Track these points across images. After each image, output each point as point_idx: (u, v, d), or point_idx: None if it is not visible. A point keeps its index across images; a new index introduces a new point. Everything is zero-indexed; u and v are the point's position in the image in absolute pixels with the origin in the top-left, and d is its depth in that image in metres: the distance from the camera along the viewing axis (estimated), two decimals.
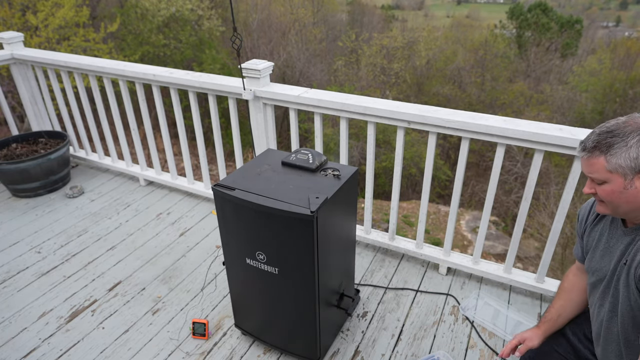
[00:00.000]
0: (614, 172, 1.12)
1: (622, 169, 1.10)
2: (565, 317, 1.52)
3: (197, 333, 2.11)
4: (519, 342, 1.49)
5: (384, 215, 12.05)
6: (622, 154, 1.09)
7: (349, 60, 21.76)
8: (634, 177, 1.10)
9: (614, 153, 1.10)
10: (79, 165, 3.77)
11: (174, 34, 18.31)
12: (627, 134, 1.10)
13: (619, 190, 1.13)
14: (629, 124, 1.11)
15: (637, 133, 1.09)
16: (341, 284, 1.99)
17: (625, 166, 1.10)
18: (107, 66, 3.03)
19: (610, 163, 1.11)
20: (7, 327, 2.18)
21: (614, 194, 1.15)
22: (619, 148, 1.10)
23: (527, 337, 1.49)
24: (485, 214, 2.27)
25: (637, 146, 1.08)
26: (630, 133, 1.09)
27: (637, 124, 1.10)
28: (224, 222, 1.77)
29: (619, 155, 1.10)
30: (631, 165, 1.09)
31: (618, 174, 1.12)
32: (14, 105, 10.09)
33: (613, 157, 1.11)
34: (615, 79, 19.76)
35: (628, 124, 1.11)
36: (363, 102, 2.28)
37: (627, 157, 1.09)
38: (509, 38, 25.20)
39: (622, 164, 1.10)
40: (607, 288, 1.27)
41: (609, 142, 1.11)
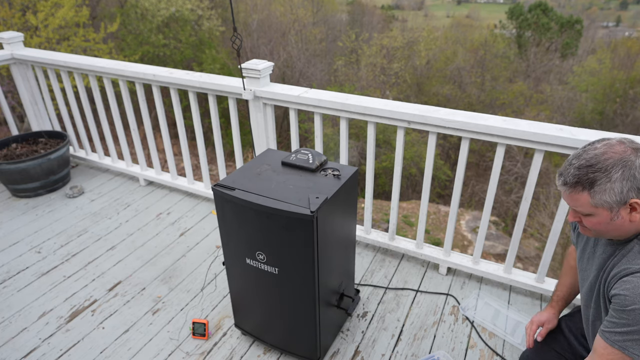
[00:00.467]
0: (600, 207, 1.09)
1: (608, 203, 1.08)
2: (576, 291, 1.56)
3: (197, 333, 2.11)
4: (538, 326, 1.53)
5: (384, 215, 12.05)
6: (607, 190, 1.06)
7: (349, 60, 21.76)
8: (620, 209, 1.08)
9: (598, 190, 1.07)
10: (79, 165, 3.77)
11: (174, 34, 18.31)
12: (608, 168, 1.05)
13: (605, 222, 1.11)
14: (609, 155, 1.07)
15: (619, 166, 1.05)
16: (341, 284, 1.99)
17: (610, 201, 1.07)
18: (107, 66, 3.03)
19: (594, 199, 1.08)
20: (7, 327, 2.18)
21: (600, 224, 1.13)
22: (603, 184, 1.06)
23: (545, 320, 1.53)
24: (485, 214, 2.27)
25: (620, 180, 1.05)
26: (613, 167, 1.05)
27: (616, 153, 1.06)
28: (224, 222, 1.77)
29: (603, 191, 1.06)
30: (616, 199, 1.06)
31: (604, 208, 1.09)
32: (14, 105, 10.09)
33: (597, 194, 1.07)
34: (616, 79, 19.77)
35: (608, 156, 1.06)
36: (363, 102, 2.28)
37: (611, 192, 1.06)
38: (509, 38, 25.21)
39: (608, 199, 1.07)
40: (590, 291, 1.29)
41: (591, 178, 1.07)
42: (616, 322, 1.09)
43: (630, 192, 1.05)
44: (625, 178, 1.04)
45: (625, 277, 1.09)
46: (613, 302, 1.11)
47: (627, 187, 1.05)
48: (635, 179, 1.05)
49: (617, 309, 1.09)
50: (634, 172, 1.04)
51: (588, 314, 1.33)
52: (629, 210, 1.08)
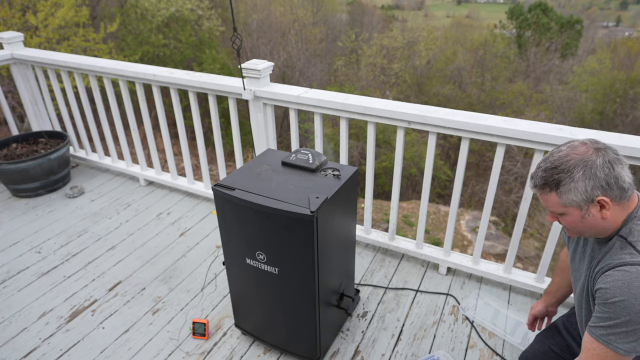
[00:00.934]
0: (569, 206, 1.13)
1: (575, 202, 1.12)
2: (563, 293, 1.62)
3: (197, 333, 2.11)
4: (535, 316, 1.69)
5: (384, 215, 12.05)
6: (572, 189, 1.11)
7: (349, 60, 21.76)
8: (589, 206, 1.12)
9: (564, 190, 1.12)
10: (79, 165, 3.77)
11: (174, 34, 18.31)
12: (571, 169, 1.11)
13: (578, 220, 1.15)
14: (571, 156, 1.12)
15: (580, 166, 1.10)
16: (341, 284, 1.99)
17: (577, 200, 1.11)
18: (107, 66, 3.03)
19: (562, 199, 1.13)
20: (7, 327, 2.18)
21: (574, 223, 1.17)
22: (567, 184, 1.11)
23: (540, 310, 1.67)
24: (485, 214, 2.27)
25: (583, 179, 1.09)
26: (574, 167, 1.10)
27: (578, 154, 1.11)
28: (224, 222, 1.77)
29: (568, 191, 1.11)
30: (582, 197, 1.11)
31: (573, 207, 1.13)
32: (14, 105, 10.09)
33: (563, 194, 1.12)
34: (616, 79, 19.77)
35: (570, 157, 1.12)
36: (363, 102, 2.28)
37: (576, 191, 1.10)
38: (509, 38, 25.20)
39: (574, 198, 1.11)
40: (582, 291, 1.30)
41: (556, 178, 1.12)
42: (600, 317, 1.12)
43: (595, 190, 1.09)
44: (587, 177, 1.09)
45: (607, 271, 1.12)
46: (597, 296, 1.14)
47: (591, 186, 1.09)
48: (597, 177, 1.09)
49: (600, 302, 1.12)
50: (595, 170, 1.09)
51: (581, 314, 1.34)
52: (599, 208, 1.12)
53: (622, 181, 1.10)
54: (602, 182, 1.09)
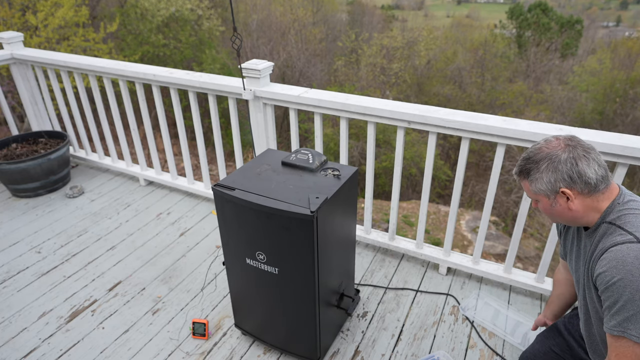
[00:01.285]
0: (538, 193, 1.25)
1: (543, 191, 1.23)
2: (561, 305, 1.67)
3: (197, 333, 2.11)
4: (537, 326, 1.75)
5: (384, 215, 12.05)
6: (538, 179, 1.22)
7: (349, 60, 21.75)
8: (556, 196, 1.22)
9: (532, 179, 1.24)
10: (79, 165, 3.77)
11: (174, 34, 18.30)
12: (539, 161, 1.22)
13: (548, 207, 1.26)
14: (542, 150, 1.23)
15: (546, 160, 1.20)
16: (341, 284, 1.99)
17: (544, 189, 1.22)
18: (107, 66, 3.03)
19: (532, 186, 1.25)
20: (7, 327, 2.18)
21: (547, 210, 1.27)
22: (534, 174, 1.23)
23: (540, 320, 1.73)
24: (485, 214, 2.27)
25: (546, 171, 1.20)
26: (541, 160, 1.21)
27: (547, 149, 1.22)
28: (224, 222, 1.77)
29: (536, 180, 1.23)
30: (548, 187, 1.21)
31: (542, 195, 1.24)
32: (14, 105, 10.09)
33: (532, 182, 1.24)
34: (616, 79, 19.76)
35: (541, 150, 1.23)
36: (363, 102, 2.28)
37: (542, 182, 1.22)
38: (509, 38, 25.20)
39: (541, 187, 1.22)
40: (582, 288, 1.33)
41: (527, 168, 1.25)
42: (607, 306, 1.13)
43: (558, 182, 1.19)
44: (549, 170, 1.20)
45: (602, 256, 1.16)
46: (598, 286, 1.17)
47: (554, 178, 1.19)
48: (558, 170, 1.19)
49: (602, 289, 1.14)
50: (557, 165, 1.19)
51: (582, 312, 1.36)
52: (566, 199, 1.21)
53: (586, 177, 1.17)
54: (564, 175, 1.18)
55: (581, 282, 1.32)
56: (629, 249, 1.09)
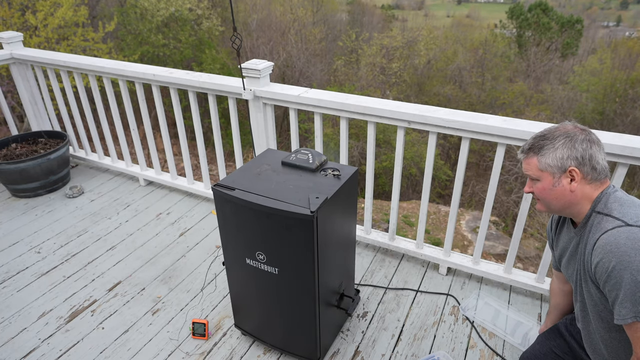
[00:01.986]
0: (544, 170, 1.26)
1: (551, 167, 1.25)
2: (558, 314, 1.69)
3: (197, 333, 2.10)
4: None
5: (384, 215, 12.05)
6: (550, 154, 1.24)
7: (349, 60, 21.75)
8: (561, 175, 1.24)
9: (544, 154, 1.26)
10: (78, 165, 3.77)
11: (174, 34, 18.29)
12: (555, 137, 1.25)
13: (549, 188, 1.27)
14: (559, 129, 1.27)
15: (563, 137, 1.24)
16: (341, 284, 1.99)
17: (553, 165, 1.24)
18: (107, 66, 3.03)
19: (540, 162, 1.26)
20: (6, 327, 2.18)
21: (545, 191, 1.28)
22: (548, 149, 1.25)
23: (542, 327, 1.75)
24: (485, 214, 2.27)
25: (562, 147, 1.23)
26: (558, 137, 1.25)
27: (565, 129, 1.26)
28: (224, 222, 1.77)
29: (547, 155, 1.25)
30: (558, 164, 1.23)
31: (547, 172, 1.26)
32: (14, 105, 10.09)
33: (543, 157, 1.26)
34: (616, 79, 19.74)
35: (558, 129, 1.27)
36: (363, 102, 2.27)
37: (554, 157, 1.24)
38: (509, 38, 25.19)
39: (551, 163, 1.24)
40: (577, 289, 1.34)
41: (540, 144, 1.27)
42: (614, 296, 1.13)
43: (570, 159, 1.22)
44: (566, 146, 1.23)
45: (594, 245, 1.18)
46: (597, 276, 1.17)
47: (567, 155, 1.22)
48: (574, 148, 1.22)
49: (604, 279, 1.15)
50: (575, 143, 1.22)
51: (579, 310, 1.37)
52: (570, 180, 1.23)
53: (595, 161, 1.21)
54: (577, 154, 1.21)
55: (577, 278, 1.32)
56: (619, 232, 1.12)
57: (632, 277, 1.06)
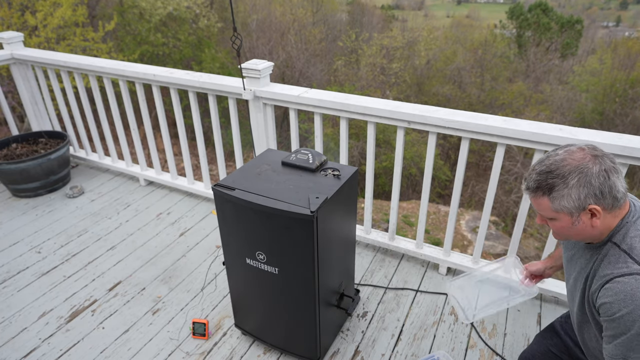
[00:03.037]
0: (560, 212, 1.12)
1: (567, 209, 1.10)
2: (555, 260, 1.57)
3: (197, 333, 2.11)
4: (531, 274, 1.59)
5: (384, 215, 12.05)
6: (565, 196, 1.09)
7: (349, 60, 21.75)
8: (580, 214, 1.11)
9: (557, 195, 1.10)
10: (79, 165, 3.77)
11: (172, 33, 18.28)
12: (566, 175, 1.09)
13: (567, 226, 1.14)
14: (567, 162, 1.10)
15: (576, 173, 1.08)
16: (341, 284, 1.99)
17: (569, 206, 1.10)
18: (107, 66, 3.03)
19: (554, 204, 1.11)
20: (7, 327, 2.18)
21: (564, 229, 1.16)
22: (560, 189, 1.09)
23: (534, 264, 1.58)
24: (485, 214, 2.27)
25: (577, 187, 1.08)
26: (570, 173, 1.08)
27: (574, 160, 1.09)
28: (224, 222, 1.77)
29: (561, 197, 1.10)
30: (575, 205, 1.09)
31: (564, 213, 1.12)
32: (14, 105, 10.08)
33: (556, 199, 1.11)
34: (616, 79, 19.75)
35: (567, 162, 1.10)
36: (363, 102, 2.28)
37: (569, 198, 1.09)
38: (509, 38, 25.20)
39: (566, 204, 1.10)
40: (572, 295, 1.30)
41: (550, 183, 1.11)
42: (612, 335, 1.09)
43: (588, 198, 1.08)
44: (581, 185, 1.07)
45: (606, 284, 1.10)
46: (601, 312, 1.11)
47: (585, 194, 1.07)
48: (591, 185, 1.07)
49: (606, 319, 1.10)
50: (590, 179, 1.07)
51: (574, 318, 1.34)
52: (590, 216, 1.11)
53: (616, 190, 1.08)
54: (595, 190, 1.07)
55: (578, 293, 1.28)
56: (637, 281, 1.03)
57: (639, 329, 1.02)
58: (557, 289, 2.23)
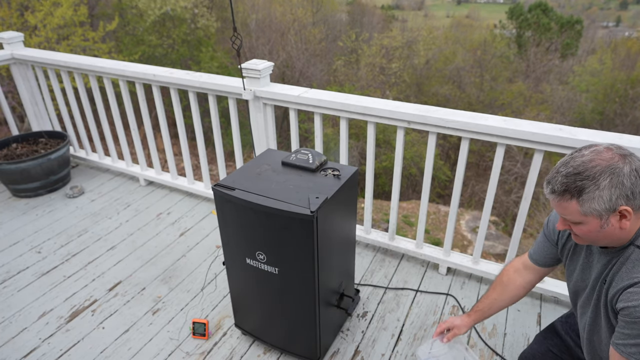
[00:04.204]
0: (589, 215, 1.07)
1: (597, 211, 1.06)
2: (495, 310, 1.55)
3: (197, 333, 2.11)
4: (448, 327, 1.55)
5: (384, 215, 12.05)
6: (595, 197, 1.04)
7: (349, 60, 21.75)
8: (609, 216, 1.07)
9: (587, 197, 1.05)
10: (79, 165, 3.77)
11: (169, 32, 18.26)
12: (596, 176, 1.04)
13: (595, 230, 1.10)
14: (596, 162, 1.05)
15: (607, 173, 1.03)
16: (341, 284, 1.99)
17: (600, 209, 1.06)
18: (107, 66, 3.03)
19: (584, 207, 1.07)
20: (7, 327, 2.18)
21: (591, 233, 1.11)
22: (591, 191, 1.04)
23: (457, 324, 1.54)
24: (485, 213, 2.27)
25: (609, 188, 1.03)
26: (601, 174, 1.04)
27: (604, 160, 1.05)
28: (224, 222, 1.77)
29: (592, 199, 1.05)
30: (606, 207, 1.05)
31: (593, 216, 1.07)
32: (14, 105, 10.09)
33: (586, 202, 1.06)
34: (616, 79, 19.75)
35: (596, 163, 1.05)
36: (363, 102, 2.28)
37: (600, 200, 1.04)
38: (509, 38, 25.20)
39: (597, 207, 1.05)
40: (587, 300, 1.27)
41: (579, 185, 1.05)
42: (629, 334, 1.07)
43: (620, 199, 1.04)
44: (613, 185, 1.03)
45: (629, 288, 1.07)
46: (621, 314, 1.09)
47: (616, 195, 1.04)
48: (623, 186, 1.03)
49: (627, 320, 1.07)
50: (622, 179, 1.03)
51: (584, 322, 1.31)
52: (619, 218, 1.07)
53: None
54: (627, 191, 1.03)
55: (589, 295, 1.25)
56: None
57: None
58: (557, 289, 2.24)
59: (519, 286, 1.51)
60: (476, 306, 1.57)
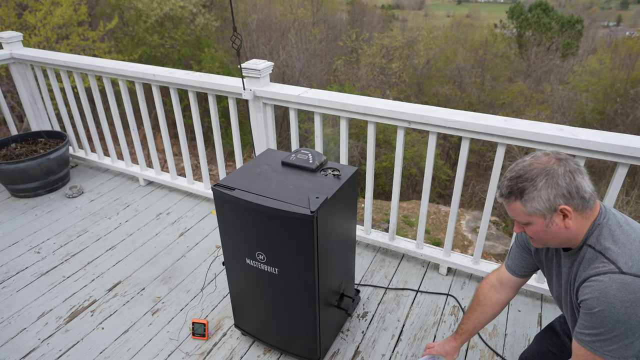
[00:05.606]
0: (533, 214, 1.16)
1: (539, 210, 1.14)
2: (480, 328, 1.60)
3: (197, 333, 2.10)
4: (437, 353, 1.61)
5: (384, 215, 12.05)
6: (535, 197, 1.13)
7: (349, 60, 21.74)
8: (552, 215, 1.14)
9: (528, 198, 1.14)
10: (78, 165, 3.77)
11: (169, 33, 18.24)
12: (534, 177, 1.13)
13: (542, 230, 1.18)
14: (534, 166, 1.15)
15: (543, 175, 1.12)
16: (341, 284, 1.98)
17: (541, 208, 1.14)
18: (107, 66, 3.03)
19: (526, 207, 1.15)
20: (6, 328, 2.17)
21: (539, 232, 1.19)
22: (530, 192, 1.13)
23: (448, 352, 1.60)
24: (485, 214, 2.27)
25: (546, 188, 1.12)
26: (537, 176, 1.13)
27: (541, 164, 1.14)
28: (223, 222, 1.76)
29: (532, 199, 1.14)
30: (546, 206, 1.13)
31: (537, 216, 1.15)
32: (13, 105, 10.09)
33: (528, 202, 1.15)
34: (616, 78, 19.74)
35: (534, 166, 1.15)
36: (363, 102, 2.27)
37: (540, 200, 1.13)
38: (510, 38, 25.20)
39: (538, 206, 1.14)
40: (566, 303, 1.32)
41: (520, 187, 1.15)
42: (585, 325, 1.14)
43: (557, 198, 1.12)
44: (549, 186, 1.12)
45: (584, 282, 1.14)
46: (581, 307, 1.16)
47: (553, 194, 1.12)
48: (559, 186, 1.11)
49: (584, 312, 1.14)
50: (557, 179, 1.11)
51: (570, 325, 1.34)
52: (562, 217, 1.14)
53: (583, 191, 1.12)
54: (563, 190, 1.11)
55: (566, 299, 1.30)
56: (611, 280, 1.08)
57: (610, 326, 1.08)
58: None
59: (496, 303, 1.56)
60: (460, 328, 1.61)
